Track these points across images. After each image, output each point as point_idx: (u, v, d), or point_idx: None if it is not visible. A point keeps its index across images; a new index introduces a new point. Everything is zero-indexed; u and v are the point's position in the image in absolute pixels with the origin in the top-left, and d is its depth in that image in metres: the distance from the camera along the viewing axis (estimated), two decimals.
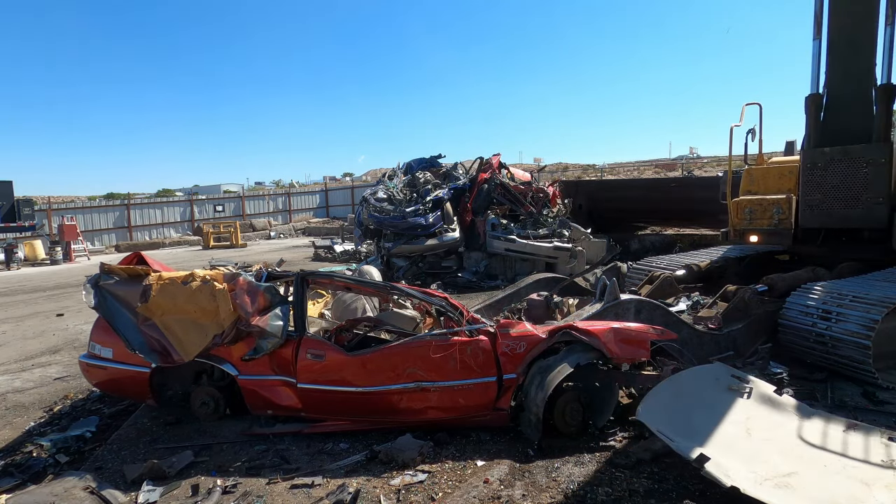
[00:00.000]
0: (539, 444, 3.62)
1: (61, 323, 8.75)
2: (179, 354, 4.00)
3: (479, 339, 3.87)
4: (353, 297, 5.75)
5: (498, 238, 10.56)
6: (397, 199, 11.76)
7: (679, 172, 27.39)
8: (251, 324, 3.95)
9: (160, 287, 4.10)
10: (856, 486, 2.89)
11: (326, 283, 5.45)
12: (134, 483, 3.36)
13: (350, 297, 5.76)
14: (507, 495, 3.09)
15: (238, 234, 23.22)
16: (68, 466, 3.81)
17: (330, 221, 29.62)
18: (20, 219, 19.51)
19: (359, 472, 3.43)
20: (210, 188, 42.26)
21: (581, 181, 20.04)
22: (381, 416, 3.92)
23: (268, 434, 3.98)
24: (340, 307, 5.74)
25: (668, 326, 4.41)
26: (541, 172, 22.64)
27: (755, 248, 7.42)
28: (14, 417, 4.81)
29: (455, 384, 3.78)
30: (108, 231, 24.28)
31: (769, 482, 2.91)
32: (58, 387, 5.55)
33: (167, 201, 27.78)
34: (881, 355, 4.58)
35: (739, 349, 5.21)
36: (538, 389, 3.63)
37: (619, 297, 4.75)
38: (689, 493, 3.03)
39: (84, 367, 4.37)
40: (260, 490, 3.27)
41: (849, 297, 4.81)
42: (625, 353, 3.85)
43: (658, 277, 6.35)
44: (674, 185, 14.42)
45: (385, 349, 3.95)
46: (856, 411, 4.17)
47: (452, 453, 3.64)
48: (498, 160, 12.41)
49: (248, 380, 4.03)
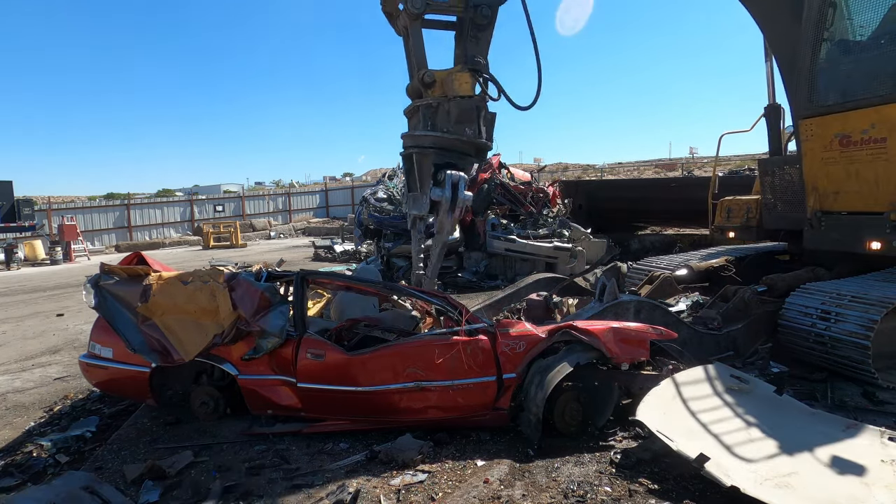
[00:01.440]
0: (539, 444, 3.62)
1: (61, 323, 8.76)
2: (179, 354, 3.99)
3: (478, 338, 3.87)
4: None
5: (498, 238, 10.56)
6: (397, 199, 11.77)
7: (679, 172, 27.40)
8: (251, 323, 3.95)
9: (160, 287, 4.10)
10: (856, 486, 2.89)
11: (326, 283, 5.45)
12: (134, 483, 3.36)
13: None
14: (507, 495, 3.09)
15: (238, 234, 23.24)
16: (68, 466, 3.81)
17: (330, 221, 29.65)
18: (20, 219, 19.53)
19: (359, 472, 3.43)
20: (210, 188, 42.30)
21: (581, 181, 20.05)
22: (381, 416, 3.92)
23: (268, 434, 3.98)
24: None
25: (668, 326, 4.41)
26: (541, 172, 22.66)
27: (755, 247, 7.48)
28: (14, 417, 4.81)
29: (455, 384, 3.78)
30: (108, 231, 24.30)
31: (769, 482, 2.91)
32: (58, 387, 5.56)
33: (167, 201, 27.81)
34: (881, 355, 4.58)
35: (739, 349, 5.21)
36: (538, 389, 3.63)
37: (619, 297, 4.75)
38: (689, 493, 3.03)
39: (84, 366, 4.37)
40: (260, 490, 3.27)
41: (848, 297, 4.82)
42: (624, 353, 3.85)
43: (658, 277, 6.35)
44: (674, 185, 14.42)
45: (385, 349, 3.95)
46: (856, 411, 4.17)
47: (452, 453, 3.64)
48: (498, 160, 12.42)
49: (248, 379, 4.03)
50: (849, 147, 5.29)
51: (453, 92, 4.67)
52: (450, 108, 4.70)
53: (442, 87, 4.72)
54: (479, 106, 4.81)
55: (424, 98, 4.78)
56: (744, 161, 25.24)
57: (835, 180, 5.50)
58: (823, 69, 5.50)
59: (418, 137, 4.83)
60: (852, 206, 5.42)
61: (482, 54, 4.89)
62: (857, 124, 5.19)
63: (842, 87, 5.37)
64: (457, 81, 4.67)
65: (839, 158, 5.39)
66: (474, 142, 4.80)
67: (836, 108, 5.37)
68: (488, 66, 4.91)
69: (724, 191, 8.46)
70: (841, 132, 5.33)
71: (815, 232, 5.76)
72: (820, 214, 5.66)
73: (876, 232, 5.19)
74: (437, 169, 4.84)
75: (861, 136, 5.17)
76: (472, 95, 4.75)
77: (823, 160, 5.54)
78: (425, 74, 4.67)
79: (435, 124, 4.77)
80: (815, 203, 5.68)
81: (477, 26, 4.83)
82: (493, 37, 4.96)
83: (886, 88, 4.96)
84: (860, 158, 5.22)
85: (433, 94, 4.75)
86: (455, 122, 4.70)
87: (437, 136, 4.72)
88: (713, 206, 8.26)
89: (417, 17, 4.67)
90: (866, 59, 5.32)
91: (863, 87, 5.17)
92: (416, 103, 4.88)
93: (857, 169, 5.27)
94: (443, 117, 4.74)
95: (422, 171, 4.85)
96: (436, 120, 4.77)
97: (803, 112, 5.68)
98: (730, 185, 9.71)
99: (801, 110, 5.70)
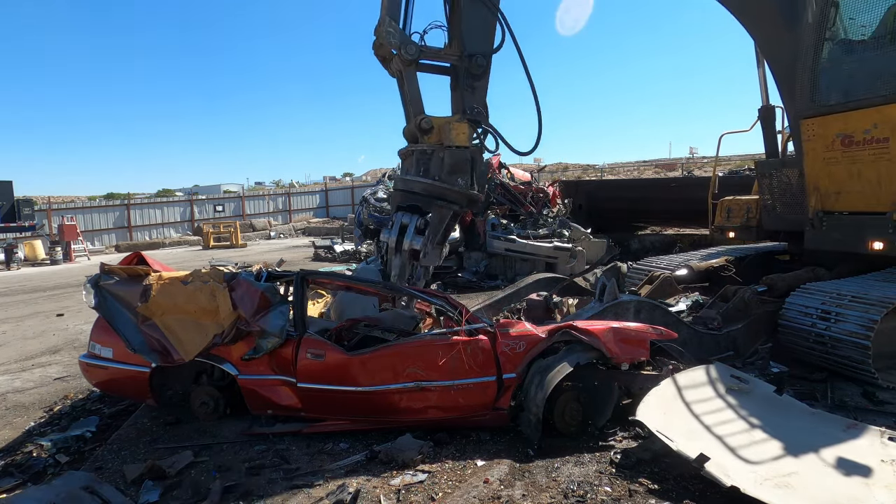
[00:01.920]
0: (539, 444, 3.62)
1: (61, 323, 8.76)
2: (179, 354, 3.99)
3: (478, 338, 3.87)
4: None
5: (498, 238, 10.56)
6: None
7: (679, 172, 27.39)
8: (251, 323, 3.95)
9: (160, 287, 4.10)
10: (856, 485, 2.90)
11: (326, 282, 5.45)
12: (134, 483, 3.36)
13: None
14: (507, 495, 3.09)
15: (238, 234, 23.22)
16: (68, 466, 3.81)
17: (330, 221, 29.64)
18: (20, 219, 19.52)
19: (359, 472, 3.43)
20: (210, 188, 42.25)
21: (581, 181, 20.05)
22: (381, 416, 3.92)
23: (268, 434, 3.98)
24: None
25: (668, 326, 4.41)
26: (541, 172, 22.65)
27: (755, 247, 7.49)
28: (14, 417, 4.81)
29: (455, 384, 3.78)
30: (108, 231, 24.27)
31: (769, 482, 2.92)
32: (58, 387, 5.55)
33: (167, 201, 27.79)
34: (881, 355, 4.59)
35: (739, 349, 5.21)
36: (538, 389, 3.63)
37: (619, 297, 4.75)
38: (689, 493, 3.03)
39: (84, 366, 4.37)
40: (260, 490, 3.27)
41: (848, 297, 4.82)
42: (624, 353, 3.85)
43: (658, 277, 6.35)
44: (674, 185, 14.42)
45: (385, 349, 3.95)
46: (856, 411, 4.17)
47: (452, 453, 3.64)
48: (498, 160, 12.43)
49: (248, 379, 4.03)
50: (851, 147, 5.29)
51: (450, 141, 4.63)
52: (444, 156, 4.66)
53: (439, 135, 4.68)
54: (473, 157, 4.77)
55: (420, 143, 4.74)
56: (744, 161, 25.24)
57: (837, 180, 5.50)
58: (825, 69, 5.50)
59: (409, 182, 4.77)
60: (854, 206, 5.42)
61: (480, 103, 4.85)
62: (859, 124, 5.19)
63: (844, 87, 5.36)
64: (454, 131, 4.63)
65: (841, 158, 5.39)
66: (466, 192, 4.74)
67: (838, 107, 5.36)
68: (487, 115, 4.87)
69: (724, 191, 8.49)
70: (843, 132, 5.33)
71: (816, 232, 5.75)
72: (821, 214, 5.65)
73: (878, 232, 5.18)
74: (398, 209, 4.81)
75: (863, 135, 5.17)
76: (467, 146, 4.71)
77: (825, 160, 5.54)
78: (423, 121, 4.64)
79: (428, 170, 4.73)
80: (817, 203, 5.68)
81: (472, 76, 4.78)
82: (489, 83, 4.91)
83: (889, 88, 4.96)
84: (862, 158, 5.22)
85: (429, 140, 4.70)
86: (448, 172, 4.65)
87: (428, 184, 4.67)
88: (713, 206, 8.27)
89: (412, 62, 4.62)
90: (869, 58, 5.31)
91: (865, 87, 5.17)
92: (410, 147, 4.85)
93: (860, 169, 5.26)
94: (436, 164, 4.70)
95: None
96: (429, 166, 4.73)
97: (805, 112, 5.67)
98: (730, 185, 9.74)
99: (803, 110, 5.69)
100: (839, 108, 5.36)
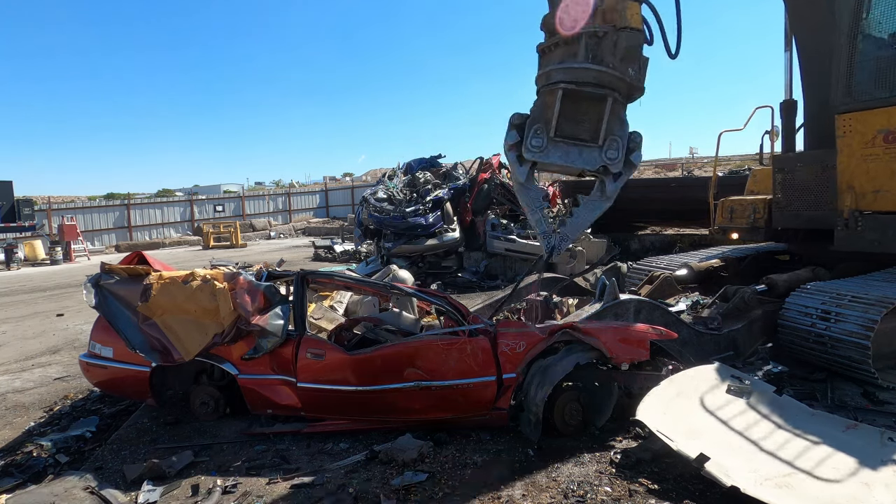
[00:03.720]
0: (539, 444, 3.62)
1: (61, 323, 8.75)
2: (180, 354, 4.00)
3: (478, 338, 3.87)
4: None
5: (498, 238, 10.56)
6: (397, 199, 11.75)
7: (679, 172, 27.39)
8: (251, 323, 3.95)
9: (161, 286, 4.10)
10: (855, 485, 2.89)
11: (326, 282, 5.45)
12: (134, 483, 3.37)
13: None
14: (507, 495, 3.09)
15: (238, 234, 23.22)
16: (68, 466, 3.81)
17: (330, 221, 29.62)
18: (20, 219, 19.52)
19: (359, 472, 3.43)
20: (210, 188, 42.25)
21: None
22: (381, 416, 3.93)
23: (268, 434, 3.98)
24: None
25: (668, 326, 4.41)
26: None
27: (755, 247, 7.46)
28: (14, 417, 4.81)
29: (455, 384, 3.78)
30: (108, 231, 24.28)
31: (769, 482, 2.92)
32: (58, 387, 5.55)
33: (167, 201, 27.79)
34: (881, 355, 4.58)
35: (739, 349, 5.21)
36: (538, 389, 3.63)
37: (619, 297, 4.75)
38: (689, 493, 3.03)
39: (84, 366, 4.37)
40: (260, 490, 3.28)
41: (848, 297, 4.81)
42: (624, 353, 3.84)
43: (658, 277, 6.35)
44: (674, 185, 14.41)
45: (385, 349, 3.95)
46: (856, 411, 4.17)
47: (452, 453, 3.63)
48: (498, 160, 12.41)
49: (248, 379, 4.03)
50: (894, 144, 5.02)
51: (624, 22, 3.91)
52: (617, 40, 3.91)
53: (603, 17, 3.96)
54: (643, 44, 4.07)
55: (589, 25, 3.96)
56: (744, 161, 25.23)
57: (875, 178, 5.20)
58: (865, 61, 5.21)
59: (577, 71, 3.93)
60: (895, 206, 5.11)
61: None
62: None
63: (888, 80, 5.09)
64: (629, 10, 3.92)
65: (882, 155, 5.11)
66: (634, 85, 4.07)
67: (881, 102, 5.07)
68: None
69: (724, 191, 8.44)
70: (886, 128, 5.06)
71: (850, 233, 5.40)
72: (857, 214, 5.34)
73: None
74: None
75: None
76: (640, 29, 4.02)
77: (863, 157, 5.25)
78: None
79: (599, 57, 3.95)
80: (852, 202, 5.35)
81: None
82: None
83: None
84: None
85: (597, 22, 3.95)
86: (620, 59, 3.94)
87: (600, 71, 3.90)
88: (714, 206, 8.17)
89: None
90: None
91: None
92: (581, 29, 4.00)
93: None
94: (608, 50, 3.94)
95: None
96: (600, 52, 3.95)
97: (841, 107, 5.38)
98: (730, 185, 9.70)
99: (839, 105, 5.40)
100: (882, 102, 5.05)
